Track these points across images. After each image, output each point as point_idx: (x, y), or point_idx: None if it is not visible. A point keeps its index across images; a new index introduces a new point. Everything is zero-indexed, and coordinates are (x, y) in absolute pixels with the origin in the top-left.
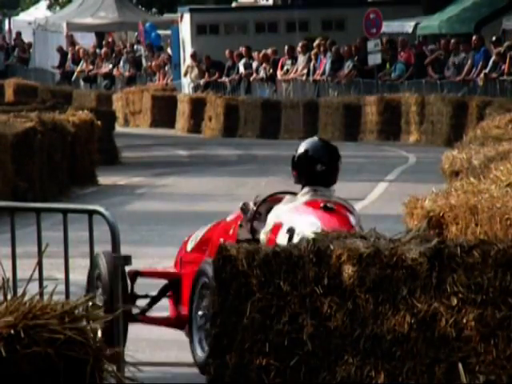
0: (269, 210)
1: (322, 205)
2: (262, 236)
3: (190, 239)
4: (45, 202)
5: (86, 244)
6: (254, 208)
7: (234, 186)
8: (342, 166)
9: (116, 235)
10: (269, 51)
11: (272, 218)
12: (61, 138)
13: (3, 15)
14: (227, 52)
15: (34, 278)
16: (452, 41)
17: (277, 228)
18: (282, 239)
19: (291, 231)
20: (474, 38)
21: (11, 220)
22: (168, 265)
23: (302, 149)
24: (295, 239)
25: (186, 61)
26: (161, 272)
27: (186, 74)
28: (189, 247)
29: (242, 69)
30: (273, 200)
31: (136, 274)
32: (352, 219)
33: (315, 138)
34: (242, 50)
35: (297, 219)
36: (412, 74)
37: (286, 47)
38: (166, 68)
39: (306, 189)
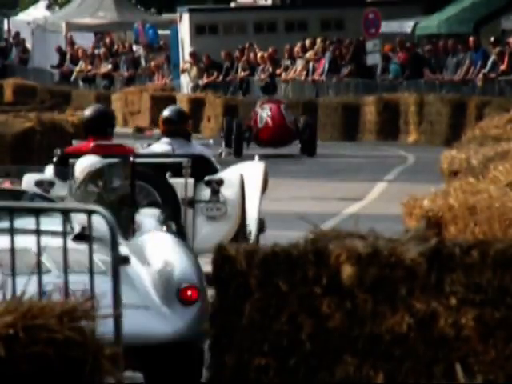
0: None
1: None
2: None
3: None
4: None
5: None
6: None
7: None
8: (341, 166)
9: (114, 235)
10: (269, 51)
11: None
12: (60, 138)
13: (2, 15)
14: (223, 53)
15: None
16: (450, 41)
17: None
18: None
19: None
20: (471, 38)
21: (10, 220)
22: None
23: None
24: None
25: (185, 60)
26: None
27: (183, 72)
28: None
29: (240, 69)
30: None
31: None
32: None
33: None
34: (245, 47)
35: None
36: (408, 75)
37: (287, 47)
38: (165, 68)
39: None
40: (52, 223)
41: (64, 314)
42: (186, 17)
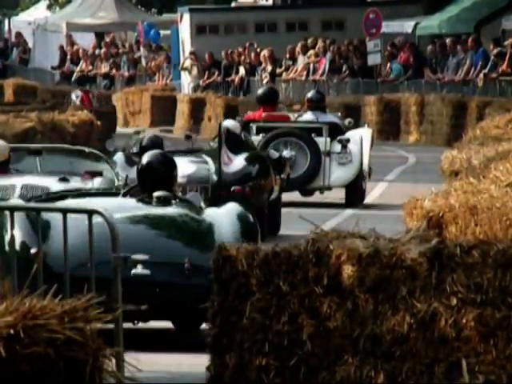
0: None
1: None
2: None
3: None
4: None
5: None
6: None
7: None
8: None
9: (115, 235)
10: (268, 51)
11: None
12: (60, 138)
13: (3, 15)
14: (223, 53)
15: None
16: (448, 40)
17: None
18: None
19: None
20: (470, 38)
21: (11, 220)
22: None
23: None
24: None
25: (186, 58)
26: None
27: (182, 69)
28: None
29: (241, 69)
30: None
31: None
32: None
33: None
34: (246, 48)
35: None
36: (410, 75)
37: (289, 47)
38: (165, 68)
39: None
40: None
41: (64, 314)
42: (186, 17)
